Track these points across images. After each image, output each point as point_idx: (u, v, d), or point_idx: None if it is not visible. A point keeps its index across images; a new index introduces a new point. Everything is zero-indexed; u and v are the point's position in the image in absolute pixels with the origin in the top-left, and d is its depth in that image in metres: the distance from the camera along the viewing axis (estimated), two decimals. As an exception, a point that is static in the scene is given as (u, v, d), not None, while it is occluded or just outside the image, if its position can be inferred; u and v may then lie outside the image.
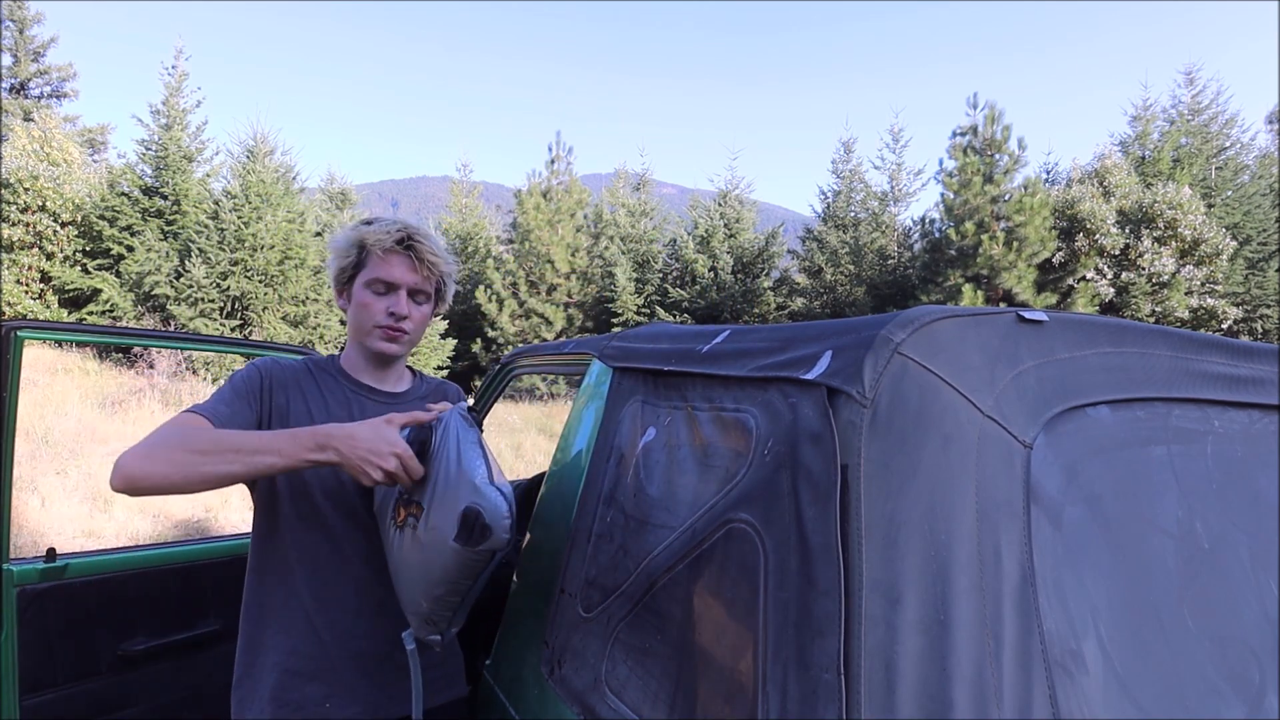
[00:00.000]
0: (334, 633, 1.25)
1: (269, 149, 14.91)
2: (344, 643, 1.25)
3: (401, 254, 1.33)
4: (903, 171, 17.91)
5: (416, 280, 1.35)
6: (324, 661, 1.24)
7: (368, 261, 1.33)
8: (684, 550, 0.92)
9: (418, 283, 1.35)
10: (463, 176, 22.40)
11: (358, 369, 1.40)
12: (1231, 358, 0.95)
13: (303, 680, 1.23)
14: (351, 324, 1.37)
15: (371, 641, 1.27)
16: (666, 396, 1.10)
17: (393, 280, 1.32)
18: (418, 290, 1.36)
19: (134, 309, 13.17)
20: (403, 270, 1.33)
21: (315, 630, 1.24)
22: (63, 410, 8.59)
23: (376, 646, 1.27)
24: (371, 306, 1.33)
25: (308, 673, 1.23)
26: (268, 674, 1.23)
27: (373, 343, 1.35)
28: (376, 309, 1.33)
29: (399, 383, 1.45)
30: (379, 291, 1.33)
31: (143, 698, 1.99)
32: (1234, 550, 0.85)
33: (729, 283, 16.75)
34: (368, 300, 1.33)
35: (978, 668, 0.64)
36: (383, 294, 1.33)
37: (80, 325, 1.96)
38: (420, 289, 1.36)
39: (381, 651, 1.27)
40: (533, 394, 15.02)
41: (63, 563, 1.89)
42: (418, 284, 1.35)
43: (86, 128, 21.39)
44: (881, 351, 0.76)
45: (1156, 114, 17.75)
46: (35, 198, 12.75)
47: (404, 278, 1.33)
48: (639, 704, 0.92)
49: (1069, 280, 14.25)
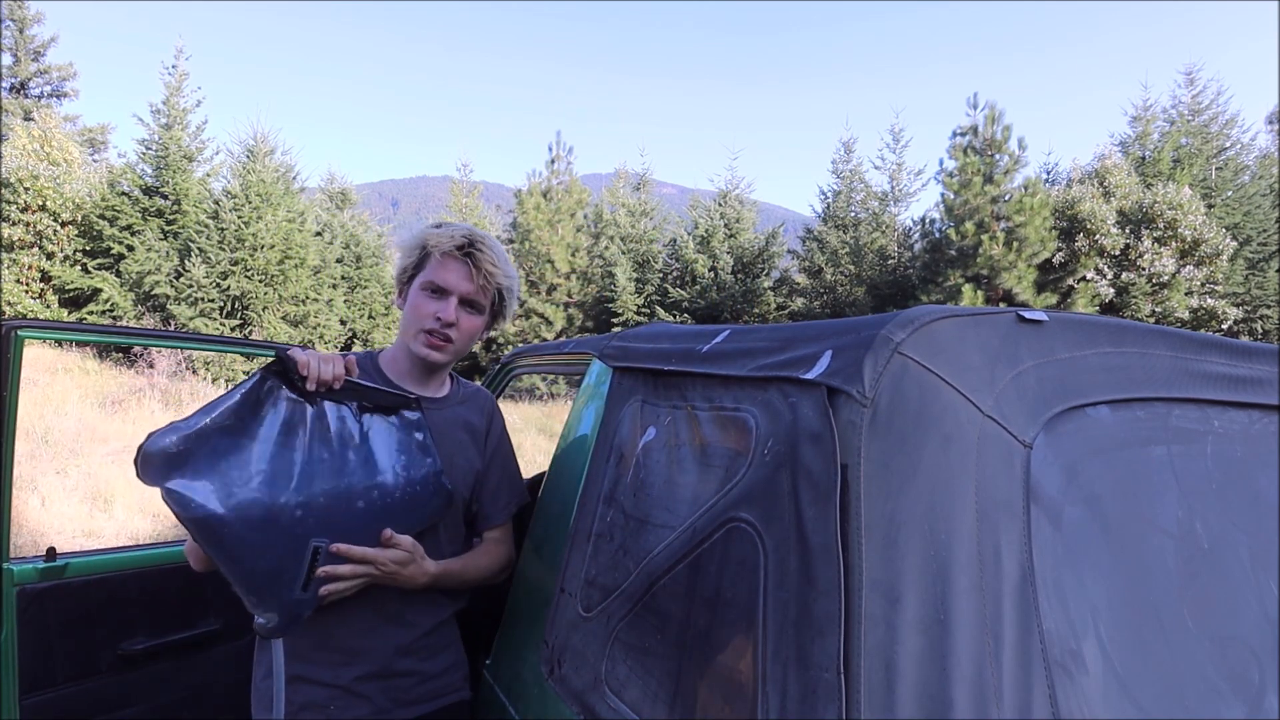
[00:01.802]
0: (339, 638, 1.24)
1: (269, 149, 14.91)
2: (349, 648, 1.24)
3: (460, 260, 1.31)
4: (903, 171, 17.91)
5: (471, 289, 1.32)
6: (329, 668, 1.23)
7: (427, 264, 1.32)
8: (684, 550, 0.92)
9: (472, 291, 1.33)
10: (463, 176, 22.39)
11: (399, 371, 1.38)
12: (1231, 358, 0.95)
13: (307, 685, 1.22)
14: (401, 326, 1.37)
15: (377, 647, 1.26)
16: (667, 396, 1.10)
17: (446, 285, 1.31)
18: (471, 300, 1.34)
19: (134, 309, 13.17)
20: (458, 276, 1.31)
21: (319, 635, 1.23)
22: (63, 410, 8.59)
23: (382, 651, 1.26)
24: (421, 309, 1.31)
25: (312, 678, 1.22)
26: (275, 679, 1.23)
27: (416, 347, 1.33)
28: (425, 312, 1.31)
29: (440, 388, 1.43)
30: (432, 295, 1.32)
31: (143, 697, 1.99)
32: (1234, 550, 0.85)
33: (729, 283, 16.74)
34: (419, 302, 1.32)
35: (978, 667, 0.64)
36: (435, 298, 1.32)
37: (80, 325, 1.96)
38: (474, 299, 1.34)
39: (387, 656, 1.26)
40: (533, 394, 15.01)
41: (63, 562, 1.89)
42: (471, 293, 1.33)
43: (87, 127, 21.39)
44: (881, 351, 0.76)
45: (1157, 114, 17.75)
46: (35, 197, 12.76)
47: (458, 284, 1.31)
48: (639, 703, 0.92)
49: (1069, 280, 14.25)
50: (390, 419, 1.27)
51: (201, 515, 1.04)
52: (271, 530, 1.10)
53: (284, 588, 1.11)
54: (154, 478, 1.04)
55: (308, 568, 1.13)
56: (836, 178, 18.63)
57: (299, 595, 1.13)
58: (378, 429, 1.25)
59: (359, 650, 1.25)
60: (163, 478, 1.04)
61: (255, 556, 1.09)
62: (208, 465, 1.07)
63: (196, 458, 1.07)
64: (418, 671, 1.29)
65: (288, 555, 1.11)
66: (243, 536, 1.07)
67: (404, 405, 1.29)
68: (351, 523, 1.17)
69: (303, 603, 1.13)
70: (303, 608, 1.14)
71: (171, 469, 1.05)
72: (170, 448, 1.05)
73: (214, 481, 1.07)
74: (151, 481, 1.04)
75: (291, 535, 1.12)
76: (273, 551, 1.10)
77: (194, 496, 1.04)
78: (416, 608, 1.29)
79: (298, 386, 1.17)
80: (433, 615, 1.32)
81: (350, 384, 1.22)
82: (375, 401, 1.26)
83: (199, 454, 1.07)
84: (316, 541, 1.13)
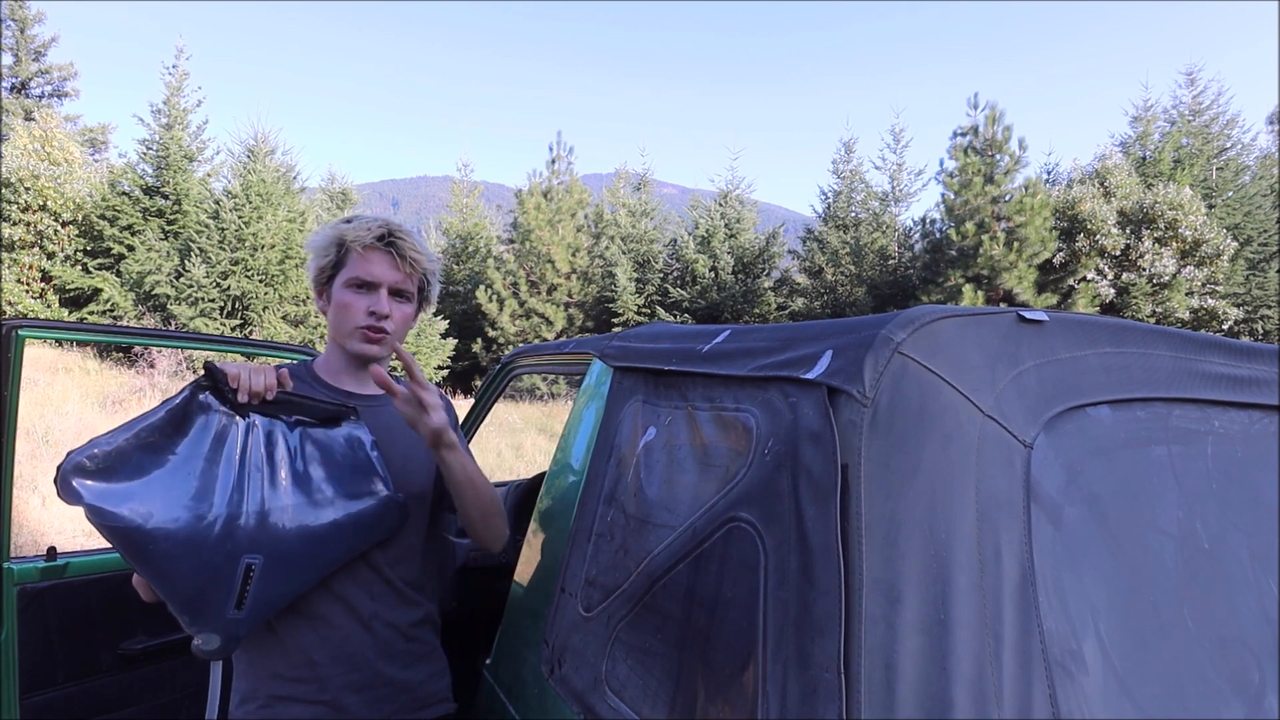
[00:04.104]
0: (322, 651, 1.21)
1: (269, 148, 14.93)
2: (333, 660, 1.22)
3: (383, 251, 1.29)
4: (903, 172, 17.92)
5: (399, 278, 1.30)
6: (313, 683, 1.20)
7: (347, 260, 1.29)
8: (684, 550, 0.92)
9: (399, 281, 1.31)
10: (463, 176, 22.40)
11: (336, 373, 1.35)
12: (1232, 358, 0.95)
13: (289, 703, 1.20)
14: (332, 326, 1.32)
15: (354, 654, 1.23)
16: (667, 396, 1.10)
17: (374, 278, 1.28)
18: (400, 289, 1.32)
19: (134, 308, 13.19)
20: (384, 267, 1.29)
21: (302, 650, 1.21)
22: (63, 409, 8.60)
23: (366, 662, 1.24)
24: (352, 307, 1.28)
25: (294, 695, 1.20)
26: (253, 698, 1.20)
27: (353, 345, 1.30)
28: (357, 309, 1.28)
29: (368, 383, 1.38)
30: (359, 291, 1.29)
31: (143, 697, 1.99)
32: (1234, 550, 0.85)
33: (729, 283, 16.75)
34: (348, 300, 1.28)
35: (978, 667, 0.64)
36: (364, 293, 1.29)
37: (81, 324, 1.96)
38: (402, 288, 1.32)
39: (373, 667, 1.24)
40: (533, 394, 15.02)
41: (63, 562, 1.89)
42: (399, 282, 1.31)
43: (87, 127, 21.40)
44: (882, 351, 0.76)
45: (1157, 115, 17.77)
46: (36, 197, 12.77)
47: (385, 275, 1.29)
48: (639, 703, 0.92)
49: (1069, 281, 14.25)
50: (332, 434, 1.23)
51: (123, 529, 1.03)
52: (198, 546, 1.07)
53: (217, 606, 1.09)
54: (73, 496, 1.02)
55: (240, 585, 1.10)
56: (837, 178, 18.66)
57: (233, 614, 1.10)
58: (315, 445, 1.21)
59: (336, 660, 1.22)
60: (82, 495, 1.02)
61: (183, 573, 1.07)
62: (129, 481, 1.05)
63: (117, 474, 1.05)
64: (398, 681, 1.26)
65: (218, 572, 1.09)
66: (168, 552, 1.05)
67: (342, 417, 1.25)
68: (287, 541, 1.14)
69: (239, 622, 1.11)
70: (239, 628, 1.12)
71: (91, 486, 1.03)
72: (88, 465, 1.03)
73: (136, 497, 1.05)
74: (70, 499, 1.02)
75: (220, 551, 1.09)
76: (201, 569, 1.07)
77: (117, 510, 1.03)
78: (389, 606, 1.27)
79: (229, 400, 1.15)
80: (406, 614, 1.29)
81: (283, 395, 1.19)
82: (313, 415, 1.22)
83: (119, 470, 1.05)
84: (249, 559, 1.10)
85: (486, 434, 10.37)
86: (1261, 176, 17.05)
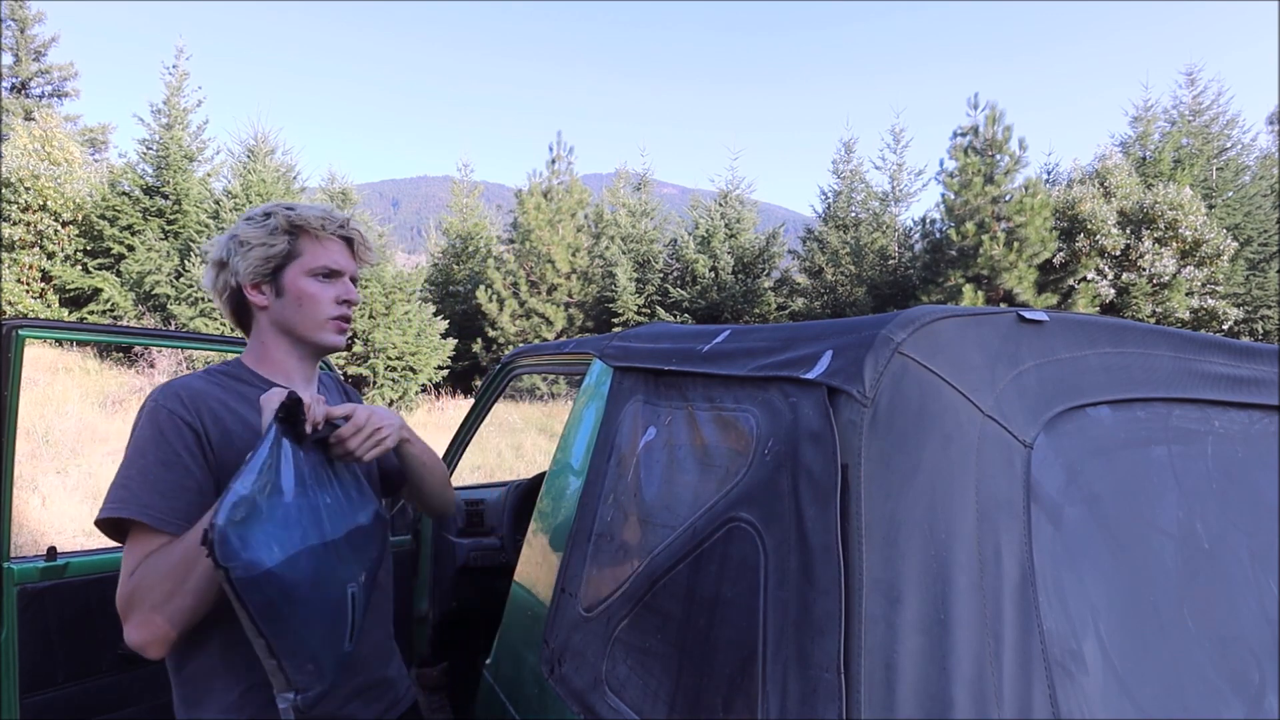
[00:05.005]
0: None
1: (269, 148, 14.93)
2: None
3: (342, 240, 1.27)
4: (903, 172, 17.91)
5: (355, 267, 1.29)
6: None
7: (303, 250, 1.23)
8: (684, 550, 0.92)
9: (356, 269, 1.29)
10: (463, 176, 22.39)
11: (288, 373, 1.26)
12: (1232, 358, 0.95)
13: None
14: (292, 318, 1.23)
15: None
16: (667, 396, 1.10)
17: (339, 267, 1.25)
18: (355, 277, 1.30)
19: (134, 308, 13.18)
20: (346, 256, 1.27)
21: None
22: (63, 409, 8.60)
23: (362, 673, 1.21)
24: (319, 296, 1.23)
25: None
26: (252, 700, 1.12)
27: (325, 336, 1.25)
28: (325, 299, 1.23)
29: (314, 379, 1.34)
30: (325, 280, 1.24)
31: (143, 697, 1.99)
32: (1234, 550, 0.85)
33: (729, 283, 16.75)
34: (314, 290, 1.23)
35: (978, 667, 0.64)
36: (329, 282, 1.25)
37: (81, 324, 1.96)
38: (356, 276, 1.30)
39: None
40: (533, 394, 15.01)
41: (63, 561, 1.89)
42: (356, 271, 1.29)
43: (87, 127, 21.39)
44: (882, 351, 0.76)
45: (1157, 115, 17.76)
46: (36, 197, 12.77)
47: (348, 264, 1.27)
48: (639, 703, 0.92)
49: (1070, 281, 14.25)
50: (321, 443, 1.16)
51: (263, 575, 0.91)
52: (324, 580, 1.00)
53: (335, 644, 1.01)
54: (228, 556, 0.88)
55: (350, 615, 1.04)
56: (837, 178, 18.65)
57: (347, 648, 1.04)
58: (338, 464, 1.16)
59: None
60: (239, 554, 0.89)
61: (313, 614, 0.97)
62: (262, 528, 0.94)
63: (251, 524, 0.93)
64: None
65: (338, 605, 1.03)
66: (305, 598, 0.96)
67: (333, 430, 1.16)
68: (366, 560, 1.11)
69: (348, 656, 1.05)
70: (342, 663, 1.04)
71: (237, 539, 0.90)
72: (236, 516, 0.91)
73: (274, 542, 0.94)
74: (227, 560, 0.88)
75: (337, 581, 1.03)
76: (327, 603, 1.00)
77: (261, 558, 0.91)
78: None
79: (299, 431, 1.07)
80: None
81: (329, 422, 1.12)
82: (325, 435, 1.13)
83: (252, 520, 0.93)
84: (350, 586, 1.05)
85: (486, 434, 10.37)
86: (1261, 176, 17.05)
